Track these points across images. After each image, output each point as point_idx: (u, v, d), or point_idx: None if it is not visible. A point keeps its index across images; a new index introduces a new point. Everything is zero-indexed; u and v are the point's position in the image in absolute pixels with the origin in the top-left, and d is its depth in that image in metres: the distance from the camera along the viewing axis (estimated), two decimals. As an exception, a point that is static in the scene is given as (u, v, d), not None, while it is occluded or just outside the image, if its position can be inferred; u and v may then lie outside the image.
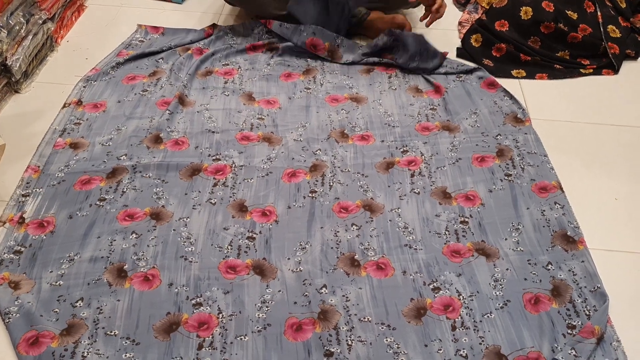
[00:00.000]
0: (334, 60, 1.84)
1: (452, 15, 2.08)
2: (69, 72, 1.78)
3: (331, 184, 1.41)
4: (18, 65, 1.65)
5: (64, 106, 1.64)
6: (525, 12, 1.88)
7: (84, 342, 1.08)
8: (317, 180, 1.42)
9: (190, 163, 1.45)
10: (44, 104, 1.66)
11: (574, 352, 1.07)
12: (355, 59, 1.84)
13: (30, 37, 1.71)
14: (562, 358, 1.06)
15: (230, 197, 1.38)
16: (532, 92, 1.75)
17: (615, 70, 1.83)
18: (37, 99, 1.68)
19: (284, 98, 1.68)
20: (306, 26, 1.84)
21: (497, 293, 1.18)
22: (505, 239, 1.29)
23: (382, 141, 1.54)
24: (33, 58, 1.75)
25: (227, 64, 1.82)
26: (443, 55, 1.80)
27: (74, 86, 1.71)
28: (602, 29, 1.86)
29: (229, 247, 1.26)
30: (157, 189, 1.38)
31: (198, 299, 1.16)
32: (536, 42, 1.89)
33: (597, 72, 1.83)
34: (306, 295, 1.17)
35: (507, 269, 1.23)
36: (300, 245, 1.27)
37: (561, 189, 1.40)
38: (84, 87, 1.71)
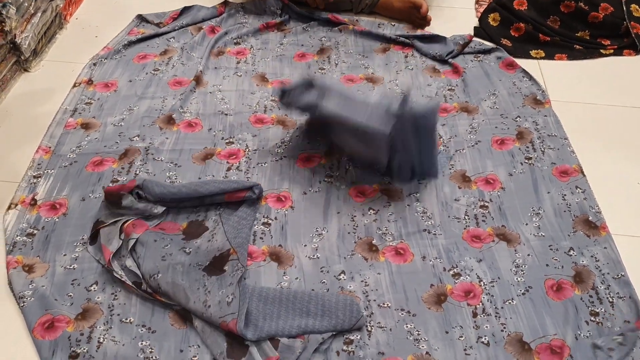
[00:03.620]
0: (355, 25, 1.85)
1: (470, -7, 2.04)
2: (78, 51, 1.75)
3: (347, 167, 1.38)
4: (27, 43, 1.62)
5: (75, 85, 1.61)
6: (545, -10, 1.84)
7: (100, 327, 1.06)
8: (332, 165, 1.39)
9: (204, 148, 1.42)
10: (53, 83, 1.63)
11: (619, 339, 1.04)
12: (372, 32, 1.82)
13: (39, 14, 1.68)
14: (603, 343, 1.03)
15: (245, 181, 1.35)
16: (552, 73, 1.70)
17: (637, 50, 1.78)
18: (47, 78, 1.65)
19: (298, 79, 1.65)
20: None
21: (519, 279, 1.16)
22: (526, 224, 1.26)
23: (399, 123, 1.51)
24: (42, 36, 1.72)
25: (239, 44, 1.79)
26: (468, 40, 1.76)
27: (85, 65, 1.68)
28: (624, 8, 1.81)
29: (245, 232, 1.24)
30: (170, 173, 1.36)
31: (214, 284, 1.14)
32: (555, 22, 1.85)
33: (618, 52, 1.79)
34: (324, 282, 1.15)
35: (528, 255, 1.20)
36: (317, 231, 1.24)
37: (582, 172, 1.37)
38: (95, 65, 1.68)
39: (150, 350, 1.03)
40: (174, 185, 1.25)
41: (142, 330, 1.06)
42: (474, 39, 1.81)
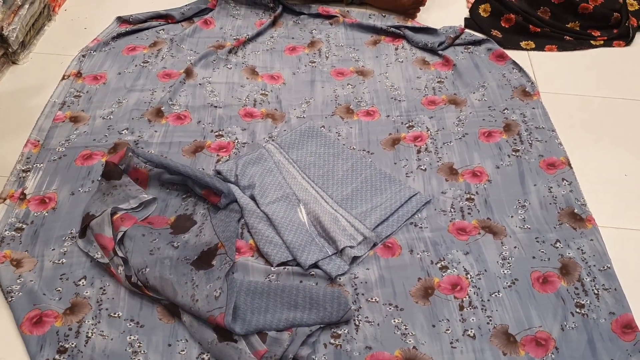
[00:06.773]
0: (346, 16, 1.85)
1: (460, -16, 2.03)
2: (67, 43, 1.75)
3: (336, 160, 1.39)
4: (15, 35, 1.61)
5: (63, 78, 1.61)
6: (535, -19, 1.84)
7: (88, 322, 1.07)
8: (321, 157, 1.40)
9: (194, 141, 1.43)
10: (42, 76, 1.63)
11: None
12: (363, 23, 1.82)
13: (26, 5, 1.67)
14: None
15: (234, 173, 1.35)
16: (541, 64, 1.71)
17: (627, 41, 1.78)
18: (36, 70, 1.65)
19: (288, 73, 1.64)
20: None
21: (505, 272, 1.17)
22: (511, 217, 1.27)
23: (388, 116, 1.51)
24: (30, 28, 1.71)
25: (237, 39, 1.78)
26: (460, 32, 1.76)
27: (74, 57, 1.67)
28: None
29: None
30: (160, 166, 1.36)
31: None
32: (546, 13, 1.85)
33: (607, 43, 1.79)
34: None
35: (515, 247, 1.21)
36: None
37: (569, 165, 1.38)
38: (84, 57, 1.67)
39: (138, 344, 1.04)
40: (160, 158, 1.29)
41: (130, 325, 1.07)
42: (465, 30, 1.81)
